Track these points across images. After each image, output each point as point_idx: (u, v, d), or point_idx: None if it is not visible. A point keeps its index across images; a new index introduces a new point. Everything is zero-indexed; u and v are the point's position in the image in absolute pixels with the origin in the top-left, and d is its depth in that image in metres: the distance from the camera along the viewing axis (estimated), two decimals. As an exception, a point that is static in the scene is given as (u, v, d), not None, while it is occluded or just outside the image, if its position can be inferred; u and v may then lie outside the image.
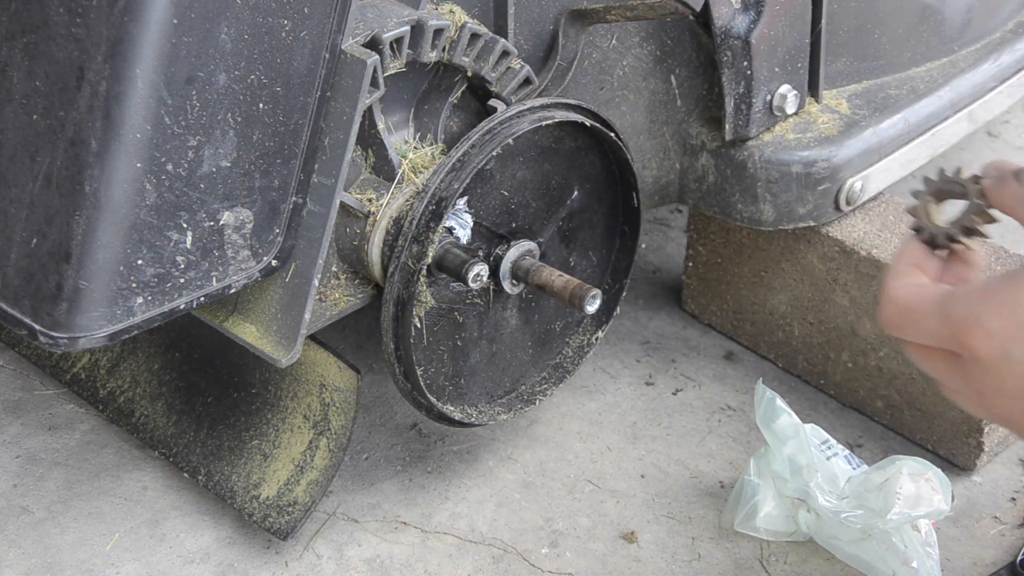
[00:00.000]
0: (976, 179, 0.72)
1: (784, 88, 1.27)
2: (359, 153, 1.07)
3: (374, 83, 0.98)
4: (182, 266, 0.91)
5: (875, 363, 1.30)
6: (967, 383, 0.67)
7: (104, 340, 0.89)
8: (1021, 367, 0.63)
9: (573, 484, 1.26)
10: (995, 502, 1.24)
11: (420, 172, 1.07)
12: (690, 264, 1.47)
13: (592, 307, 1.07)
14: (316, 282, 1.00)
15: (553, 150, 1.12)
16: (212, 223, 0.92)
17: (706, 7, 1.21)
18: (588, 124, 1.10)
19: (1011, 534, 1.20)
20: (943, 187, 0.75)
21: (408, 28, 1.01)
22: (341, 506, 1.22)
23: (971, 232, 0.72)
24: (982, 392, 0.66)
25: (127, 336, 0.90)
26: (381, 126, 1.05)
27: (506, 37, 1.13)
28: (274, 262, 0.98)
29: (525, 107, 1.07)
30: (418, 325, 1.08)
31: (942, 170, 0.75)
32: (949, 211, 0.75)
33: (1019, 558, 1.16)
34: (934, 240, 0.73)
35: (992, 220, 0.72)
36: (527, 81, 1.12)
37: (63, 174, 0.86)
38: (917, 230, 0.74)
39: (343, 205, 1.04)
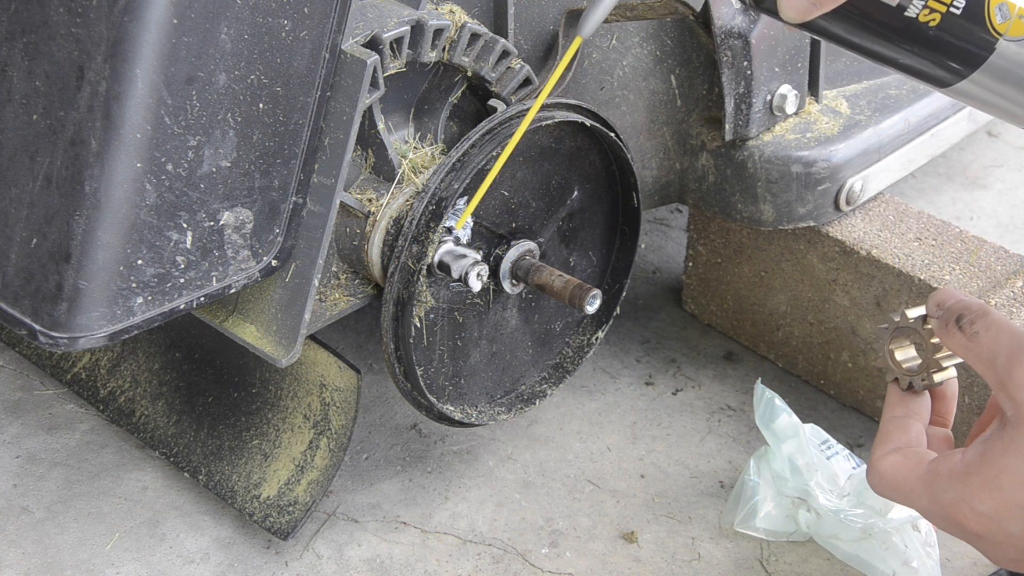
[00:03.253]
0: (924, 320, 0.76)
1: (784, 88, 1.27)
2: (359, 153, 1.07)
3: (374, 83, 0.98)
4: (182, 266, 0.91)
5: (875, 363, 1.30)
6: (969, 541, 0.70)
7: (104, 340, 0.89)
8: (1020, 540, 0.67)
9: (573, 484, 1.26)
10: (995, 502, 1.24)
11: (420, 172, 1.07)
12: (690, 264, 1.47)
13: (592, 307, 1.07)
14: (316, 282, 1.00)
15: (553, 150, 1.12)
16: (212, 223, 0.92)
17: (706, 7, 1.21)
18: (588, 124, 1.10)
19: (1011, 534, 1.20)
20: (897, 333, 0.78)
21: (408, 28, 1.01)
22: (341, 506, 1.22)
23: (939, 369, 0.76)
24: (985, 551, 0.69)
25: (127, 336, 0.90)
26: (381, 126, 1.05)
27: (506, 37, 1.13)
28: (274, 262, 0.98)
29: (525, 107, 1.07)
30: (418, 325, 1.08)
31: (891, 317, 0.78)
32: (912, 347, 0.79)
33: (1019, 558, 1.16)
34: (912, 386, 0.77)
35: (951, 357, 0.76)
36: (527, 81, 1.12)
37: (63, 174, 0.86)
38: (896, 380, 0.78)
39: (343, 205, 1.04)
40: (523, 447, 1.30)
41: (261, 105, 0.91)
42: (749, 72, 1.23)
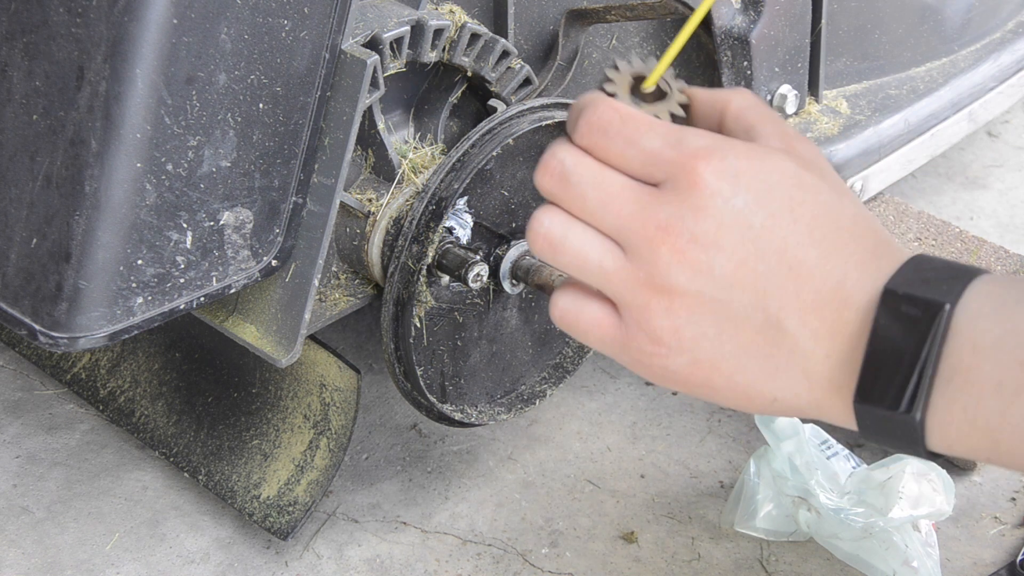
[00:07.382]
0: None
1: (784, 88, 1.27)
2: (359, 153, 1.07)
3: (374, 83, 0.98)
4: (182, 266, 0.91)
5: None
6: (640, 263, 0.52)
7: (104, 340, 0.89)
8: (738, 229, 0.51)
9: (573, 484, 1.26)
10: (995, 502, 1.24)
11: (420, 172, 1.07)
12: (690, 264, 1.47)
13: (592, 307, 1.07)
14: (316, 282, 1.00)
15: (553, 150, 1.11)
16: (212, 223, 0.92)
17: (706, 7, 1.21)
18: (588, 124, 1.09)
19: (1011, 534, 1.20)
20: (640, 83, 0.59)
21: (408, 28, 1.01)
22: (341, 506, 1.22)
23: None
24: (654, 272, 0.52)
25: (127, 336, 0.90)
26: (381, 126, 1.05)
27: (506, 37, 1.13)
28: (274, 262, 0.98)
29: (525, 107, 1.07)
30: (418, 325, 1.08)
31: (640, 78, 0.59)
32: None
33: (1019, 558, 1.16)
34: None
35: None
36: (527, 81, 1.12)
37: (63, 174, 0.86)
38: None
39: (343, 205, 1.04)
40: (523, 447, 1.30)
41: (261, 105, 0.91)
42: (749, 72, 1.23)
